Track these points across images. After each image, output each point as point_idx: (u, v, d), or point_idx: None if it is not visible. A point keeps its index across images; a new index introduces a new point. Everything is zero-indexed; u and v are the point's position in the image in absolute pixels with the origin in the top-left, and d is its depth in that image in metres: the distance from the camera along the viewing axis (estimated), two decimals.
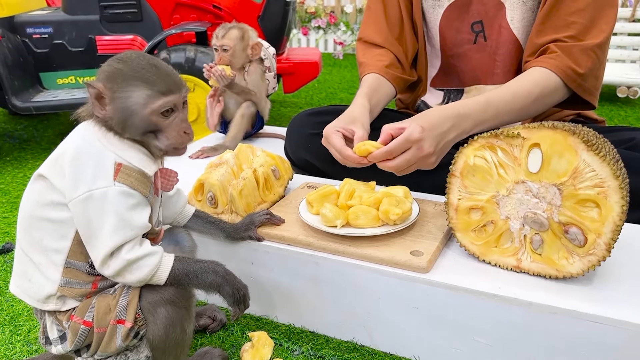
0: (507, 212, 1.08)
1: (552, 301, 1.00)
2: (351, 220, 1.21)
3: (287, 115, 3.37)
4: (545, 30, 1.35)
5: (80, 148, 0.98)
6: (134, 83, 0.96)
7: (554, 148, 1.01)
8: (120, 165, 0.97)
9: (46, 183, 0.99)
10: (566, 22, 1.32)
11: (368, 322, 1.20)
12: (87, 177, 0.95)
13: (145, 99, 0.96)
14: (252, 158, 1.44)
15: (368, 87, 1.50)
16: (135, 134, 0.99)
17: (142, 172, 0.99)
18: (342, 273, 1.18)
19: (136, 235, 0.98)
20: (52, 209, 0.98)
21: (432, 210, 1.31)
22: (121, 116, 0.97)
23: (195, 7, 2.79)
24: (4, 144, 3.00)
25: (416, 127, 1.17)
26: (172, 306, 1.00)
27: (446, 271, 1.11)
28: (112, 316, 1.00)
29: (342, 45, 5.44)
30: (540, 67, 1.32)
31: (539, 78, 1.31)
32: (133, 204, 0.98)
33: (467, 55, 1.54)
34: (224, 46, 1.88)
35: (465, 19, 1.50)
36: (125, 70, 0.97)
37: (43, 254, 1.01)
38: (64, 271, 1.00)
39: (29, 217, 1.01)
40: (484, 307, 1.05)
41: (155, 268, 0.99)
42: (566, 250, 1.04)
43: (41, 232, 1.00)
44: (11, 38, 2.72)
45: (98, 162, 0.96)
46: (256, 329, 1.30)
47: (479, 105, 1.27)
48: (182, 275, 1.02)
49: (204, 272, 1.04)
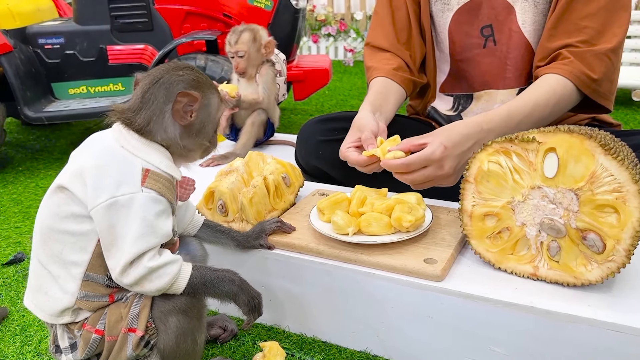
0: (523, 218, 1.06)
1: (571, 310, 0.97)
2: (363, 227, 1.19)
3: (298, 123, 3.36)
4: (557, 35, 1.33)
5: (102, 155, 0.99)
6: (211, 90, 1.06)
7: (570, 152, 0.99)
8: (148, 170, 0.98)
9: (66, 194, 0.98)
10: (578, 26, 1.30)
11: (381, 331, 1.17)
12: (111, 185, 0.95)
13: (219, 105, 1.08)
14: (262, 165, 1.43)
15: (373, 91, 1.49)
16: (206, 138, 1.08)
17: (169, 178, 1.00)
18: (354, 281, 1.16)
19: (159, 244, 0.98)
20: (73, 221, 0.98)
21: (445, 217, 1.29)
22: (203, 121, 1.05)
23: (206, 16, 2.80)
24: (16, 154, 3.01)
25: (439, 146, 1.16)
26: (184, 316, 1.00)
27: (461, 279, 1.08)
28: (123, 324, 0.99)
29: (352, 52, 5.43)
30: (555, 75, 1.30)
31: (555, 86, 1.29)
32: (160, 211, 0.98)
33: (476, 60, 1.51)
34: (239, 52, 1.88)
35: (475, 22, 1.48)
36: (203, 78, 1.05)
37: (62, 266, 1.00)
38: (82, 284, 1.00)
39: (48, 229, 1.01)
40: (500, 316, 1.02)
41: (175, 277, 0.99)
42: (584, 257, 1.01)
43: (60, 244, 0.99)
44: (23, 49, 2.73)
45: (123, 169, 0.97)
46: (267, 338, 1.28)
47: (502, 120, 1.26)
48: (200, 284, 1.02)
49: (220, 281, 1.04)
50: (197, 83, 1.02)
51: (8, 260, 1.76)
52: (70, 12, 3.22)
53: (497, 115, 1.26)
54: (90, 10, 2.79)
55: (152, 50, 2.81)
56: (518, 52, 1.45)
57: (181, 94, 0.99)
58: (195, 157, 1.10)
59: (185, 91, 0.99)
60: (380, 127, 1.35)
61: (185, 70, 1.03)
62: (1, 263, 1.76)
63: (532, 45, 1.43)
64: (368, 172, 1.28)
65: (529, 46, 1.44)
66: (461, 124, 1.24)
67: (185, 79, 1.01)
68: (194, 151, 1.08)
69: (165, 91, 1.00)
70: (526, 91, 1.32)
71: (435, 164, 1.17)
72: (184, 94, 0.99)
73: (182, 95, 0.99)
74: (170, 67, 1.03)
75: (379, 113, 1.41)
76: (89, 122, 3.55)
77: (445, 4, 1.51)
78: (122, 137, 1.00)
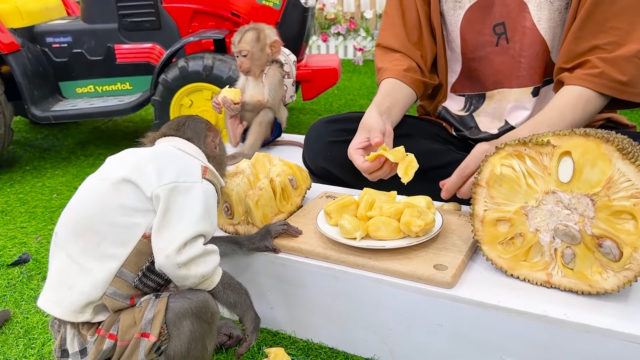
0: (537, 224, 1.03)
1: (586, 319, 0.94)
2: (371, 232, 1.17)
3: (306, 123, 3.34)
4: (583, 37, 1.29)
5: (161, 153, 1.07)
6: None
7: (586, 156, 0.95)
8: (206, 168, 1.08)
9: (123, 185, 1.00)
10: (604, 27, 1.26)
11: (389, 339, 1.15)
12: (172, 173, 1.01)
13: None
14: (269, 167, 1.40)
15: (381, 93, 1.47)
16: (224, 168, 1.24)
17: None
18: (362, 287, 1.13)
19: (211, 233, 1.03)
20: (120, 213, 0.99)
21: (456, 221, 1.25)
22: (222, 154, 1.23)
23: (214, 15, 2.78)
24: (24, 153, 3.01)
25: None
26: (197, 319, 0.99)
27: (472, 286, 1.06)
28: (136, 329, 0.98)
29: (362, 51, 5.40)
30: (585, 88, 1.26)
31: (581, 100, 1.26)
32: (213, 203, 1.05)
33: (488, 58, 1.48)
34: (242, 51, 1.86)
35: (487, 20, 1.45)
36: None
37: (98, 259, 0.99)
38: (114, 280, 0.99)
39: (87, 220, 1.00)
40: (512, 325, 0.99)
41: (216, 268, 1.02)
42: (600, 264, 0.98)
43: (100, 236, 0.99)
44: (31, 48, 2.72)
45: (182, 164, 1.05)
46: (273, 344, 1.25)
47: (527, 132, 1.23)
48: (227, 285, 1.05)
49: (239, 290, 1.07)
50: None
51: (13, 261, 1.75)
52: (78, 10, 3.21)
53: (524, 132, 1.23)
54: (98, 9, 2.78)
55: (159, 49, 2.79)
56: (533, 50, 1.41)
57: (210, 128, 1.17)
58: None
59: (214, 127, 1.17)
60: (387, 129, 1.32)
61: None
62: (6, 264, 1.75)
63: (548, 42, 1.40)
64: (372, 179, 1.26)
65: (544, 44, 1.40)
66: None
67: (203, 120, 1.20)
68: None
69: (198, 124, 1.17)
70: (551, 105, 1.29)
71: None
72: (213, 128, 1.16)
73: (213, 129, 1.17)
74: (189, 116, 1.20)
75: (386, 115, 1.39)
76: (97, 121, 3.55)
77: (457, 2, 1.48)
78: (175, 142, 1.10)
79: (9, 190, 2.46)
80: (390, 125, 1.37)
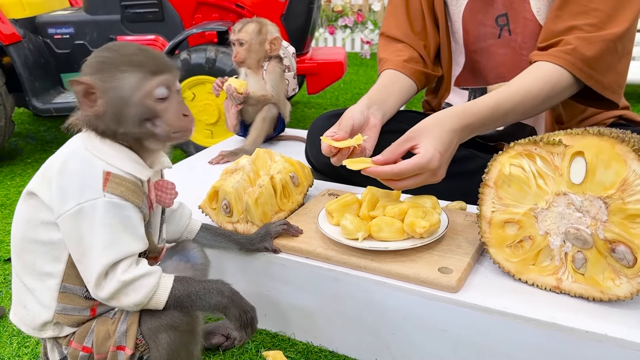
0: (547, 227, 0.98)
1: (597, 327, 0.90)
2: (374, 232, 1.12)
3: (311, 117, 3.30)
4: (563, 16, 1.23)
5: (68, 158, 0.91)
6: (123, 68, 0.89)
7: (599, 157, 0.91)
8: (109, 174, 0.90)
9: (35, 200, 0.93)
10: (587, 8, 1.20)
11: (392, 343, 1.11)
12: (75, 189, 0.88)
13: (137, 83, 0.89)
14: (270, 164, 1.36)
15: (378, 84, 1.42)
16: (131, 126, 0.91)
17: (134, 181, 0.92)
18: (363, 290, 1.09)
19: (131, 253, 0.91)
20: (43, 230, 0.92)
21: (462, 222, 1.21)
22: (114, 108, 0.89)
23: (218, 6, 2.74)
24: (26, 145, 2.98)
25: (435, 153, 1.08)
26: (174, 331, 0.94)
27: (478, 291, 1.01)
28: (111, 342, 0.94)
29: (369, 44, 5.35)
30: (551, 63, 1.20)
31: (550, 76, 1.20)
32: (126, 216, 0.90)
33: (490, 51, 1.44)
34: (240, 40, 1.82)
35: (490, 11, 1.40)
36: (113, 57, 0.90)
37: (37, 278, 0.95)
38: (59, 296, 0.94)
39: (20, 239, 0.95)
40: (519, 332, 0.95)
41: (153, 289, 0.92)
42: (612, 270, 0.93)
43: (33, 255, 0.94)
44: (32, 39, 2.69)
45: (85, 172, 0.89)
46: (272, 346, 1.22)
47: (487, 112, 1.18)
48: (184, 296, 0.94)
49: (207, 293, 0.96)
50: (100, 65, 0.90)
51: (9, 257, 1.71)
52: (80, 1, 3.17)
53: (484, 106, 1.18)
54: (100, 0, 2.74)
55: (162, 41, 2.75)
56: (534, 41, 1.36)
57: (73, 84, 0.88)
58: (152, 146, 0.96)
59: (75, 79, 0.88)
60: (370, 122, 1.28)
61: (97, 53, 0.92)
62: (3, 259, 1.72)
63: None
64: (334, 163, 1.20)
65: None
66: (447, 121, 1.15)
67: (87, 63, 0.91)
68: (143, 141, 0.94)
69: None
70: (517, 79, 1.23)
71: (429, 171, 1.10)
72: (75, 82, 0.88)
73: (74, 85, 0.88)
74: (103, 46, 0.93)
75: (376, 107, 1.34)
76: None
77: None
78: (87, 138, 0.93)
79: (9, 183, 2.43)
80: (379, 117, 1.32)
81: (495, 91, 1.22)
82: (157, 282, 0.92)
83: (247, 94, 1.80)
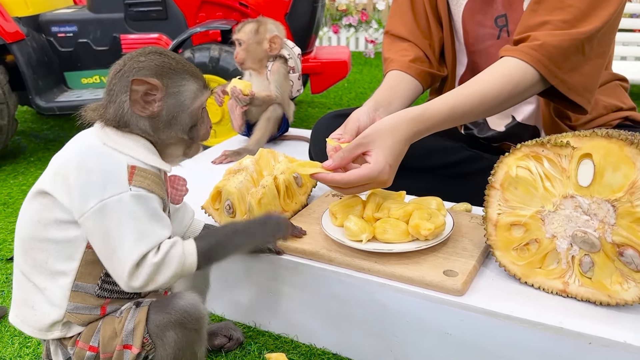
0: (554, 229, 0.97)
1: (604, 332, 0.89)
2: (378, 234, 1.11)
3: (315, 116, 3.29)
4: (538, 11, 1.20)
5: (85, 155, 0.91)
6: (185, 76, 0.95)
7: (608, 159, 0.90)
8: (134, 167, 0.90)
9: (48, 200, 0.91)
10: (562, 4, 1.17)
11: (395, 346, 1.10)
12: (97, 187, 0.88)
13: (196, 92, 0.96)
14: (273, 164, 1.35)
15: (384, 85, 1.40)
16: (181, 130, 0.96)
17: (157, 173, 0.94)
18: (367, 292, 1.08)
19: (160, 240, 0.91)
20: (57, 229, 0.91)
21: (467, 224, 1.20)
22: (172, 112, 0.95)
23: (222, 5, 2.73)
24: (29, 143, 2.98)
25: (385, 165, 1.07)
26: (182, 329, 0.93)
27: (483, 294, 1.00)
28: (118, 341, 0.93)
29: (374, 43, 5.33)
30: (516, 59, 1.17)
31: (513, 73, 1.16)
32: (152, 208, 0.91)
33: (489, 52, 1.41)
34: (239, 40, 1.83)
35: (489, 12, 1.38)
36: (174, 64, 0.94)
37: (48, 277, 0.94)
38: (71, 295, 0.93)
39: (30, 238, 0.94)
40: (525, 336, 0.94)
41: (182, 256, 0.92)
42: (620, 274, 0.92)
43: (45, 254, 0.93)
44: (36, 37, 2.69)
45: (107, 168, 0.89)
46: (274, 348, 1.21)
47: (443, 115, 1.15)
48: (211, 250, 0.96)
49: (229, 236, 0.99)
50: (161, 69, 0.92)
51: (12, 256, 1.71)
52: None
53: (439, 111, 1.15)
54: None
55: (166, 40, 2.74)
56: None
57: (136, 82, 0.89)
58: (178, 153, 1.00)
59: (139, 78, 0.89)
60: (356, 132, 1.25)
61: (150, 56, 0.93)
62: (5, 258, 1.71)
63: None
64: None
65: None
66: (400, 128, 1.11)
67: (146, 64, 0.91)
68: (173, 146, 0.98)
69: (124, 80, 0.91)
70: (478, 78, 1.19)
71: (378, 182, 1.09)
72: (139, 81, 0.89)
73: (137, 84, 0.89)
74: (135, 53, 0.94)
75: (382, 109, 1.32)
76: None
77: None
78: (102, 133, 0.93)
79: (12, 182, 2.43)
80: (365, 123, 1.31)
81: (453, 92, 1.19)
82: (183, 249, 0.92)
83: (252, 95, 1.79)
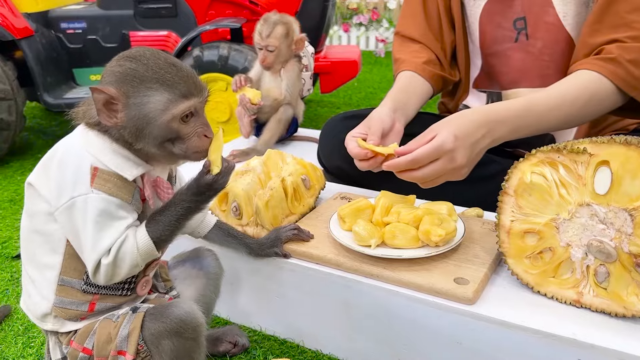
0: (568, 238, 0.94)
1: (619, 345, 0.86)
2: (387, 239, 1.09)
3: (324, 116, 3.26)
4: (602, 30, 1.18)
5: (64, 151, 0.91)
6: (151, 85, 0.85)
7: (626, 167, 0.87)
8: (96, 169, 0.87)
9: (33, 191, 0.92)
10: (626, 20, 1.15)
11: (403, 354, 1.07)
12: (69, 183, 0.87)
13: (165, 104, 0.86)
14: (281, 165, 1.33)
15: (397, 87, 1.38)
16: (151, 144, 0.88)
17: (122, 176, 0.89)
18: (375, 298, 1.06)
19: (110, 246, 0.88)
20: (41, 220, 0.92)
21: (479, 230, 1.17)
22: (136, 125, 0.86)
23: (231, 3, 2.70)
24: (37, 139, 2.97)
25: (449, 135, 1.04)
26: (178, 338, 0.92)
27: (495, 303, 0.98)
28: (112, 346, 0.92)
29: (384, 42, 5.29)
30: (589, 71, 1.16)
31: (587, 82, 1.15)
32: (113, 211, 0.88)
33: (506, 55, 1.39)
34: (269, 47, 1.77)
35: (508, 14, 1.36)
36: (141, 70, 0.86)
37: (37, 269, 0.95)
38: (57, 289, 0.94)
39: (25, 228, 0.96)
40: (537, 347, 0.91)
41: (135, 247, 0.89)
42: (637, 285, 0.89)
43: (34, 244, 0.94)
44: (45, 33, 2.68)
45: (79, 166, 0.88)
46: (280, 354, 1.19)
47: (517, 111, 1.13)
48: (163, 229, 0.90)
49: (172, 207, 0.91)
50: (124, 77, 0.86)
51: (17, 254, 1.70)
52: None
53: (513, 106, 1.14)
54: None
55: (175, 37, 2.73)
56: (559, 47, 1.31)
57: (95, 91, 0.84)
58: (164, 161, 0.96)
59: (98, 87, 0.84)
60: (395, 127, 1.24)
61: (121, 62, 0.87)
62: (11, 256, 1.70)
63: (574, 39, 1.30)
64: (361, 168, 1.16)
65: (570, 41, 1.30)
66: (471, 112, 1.11)
67: (113, 71, 0.87)
68: (159, 156, 0.92)
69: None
70: (553, 85, 1.18)
71: (446, 155, 1.04)
72: (98, 90, 0.84)
73: (96, 92, 0.84)
74: (116, 56, 0.89)
75: (400, 111, 1.30)
76: None
77: None
78: (84, 132, 0.91)
79: (19, 179, 2.42)
80: (402, 122, 1.29)
81: (531, 95, 1.17)
82: (134, 240, 0.89)
83: (260, 104, 1.77)
